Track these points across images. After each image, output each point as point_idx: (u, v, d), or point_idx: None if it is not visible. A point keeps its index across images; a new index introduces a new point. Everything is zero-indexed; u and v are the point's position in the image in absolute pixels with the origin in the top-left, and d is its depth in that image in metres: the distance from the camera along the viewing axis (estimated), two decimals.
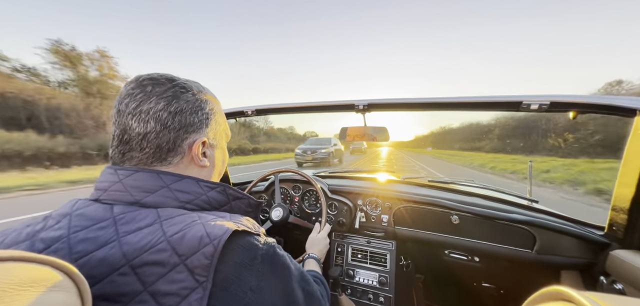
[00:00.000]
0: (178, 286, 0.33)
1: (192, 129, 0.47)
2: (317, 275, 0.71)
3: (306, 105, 1.17)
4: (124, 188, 0.41)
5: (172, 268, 0.34)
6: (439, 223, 1.24)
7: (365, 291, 1.28)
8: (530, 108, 0.78)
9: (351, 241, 1.39)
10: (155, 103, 0.43)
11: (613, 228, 0.85)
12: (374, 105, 1.02)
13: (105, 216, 0.38)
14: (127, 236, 0.36)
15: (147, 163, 0.44)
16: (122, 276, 0.33)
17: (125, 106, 0.43)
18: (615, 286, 0.82)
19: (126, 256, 0.34)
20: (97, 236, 0.36)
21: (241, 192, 0.52)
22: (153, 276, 0.34)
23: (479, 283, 1.40)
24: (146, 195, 0.41)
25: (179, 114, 0.45)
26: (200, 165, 0.49)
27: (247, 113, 1.26)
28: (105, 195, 0.41)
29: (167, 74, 0.47)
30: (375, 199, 1.37)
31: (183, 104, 0.45)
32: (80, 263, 0.34)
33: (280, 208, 1.23)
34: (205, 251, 0.36)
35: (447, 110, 0.94)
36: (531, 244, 1.06)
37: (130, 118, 0.42)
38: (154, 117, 0.43)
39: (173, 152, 0.45)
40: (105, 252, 0.35)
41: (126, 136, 0.43)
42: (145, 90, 0.43)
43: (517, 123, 34.64)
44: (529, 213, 1.11)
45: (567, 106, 0.77)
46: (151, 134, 0.43)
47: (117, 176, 0.42)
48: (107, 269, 0.34)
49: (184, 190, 0.43)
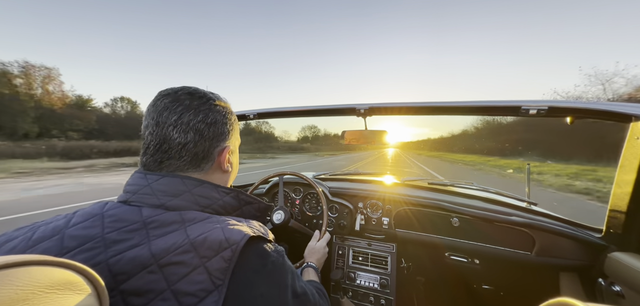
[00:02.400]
0: (197, 288, 0.36)
1: (222, 138, 0.52)
2: (320, 287, 0.73)
3: (307, 109, 1.18)
4: (152, 191, 0.45)
5: (193, 269, 0.36)
6: (439, 225, 1.25)
7: (366, 294, 1.28)
8: (528, 113, 0.80)
9: (352, 244, 1.39)
10: (194, 116, 0.47)
11: (610, 230, 0.86)
12: (375, 108, 1.03)
13: (135, 219, 0.41)
14: (156, 239, 0.39)
15: (184, 169, 0.48)
16: (150, 273, 0.36)
17: (165, 118, 0.47)
18: (614, 288, 0.83)
19: (154, 256, 0.37)
20: (130, 238, 0.39)
21: (251, 197, 0.55)
22: (176, 276, 0.36)
23: (479, 285, 1.40)
24: (171, 199, 0.44)
25: (213, 125, 0.50)
26: (225, 170, 0.54)
27: (249, 117, 1.27)
28: (134, 198, 0.45)
29: (198, 88, 0.52)
30: (376, 202, 1.38)
31: (217, 116, 0.50)
32: (113, 261, 0.37)
33: (281, 211, 1.24)
34: (224, 255, 0.38)
35: (447, 114, 0.96)
36: (530, 246, 1.07)
37: (172, 130, 0.46)
38: (193, 128, 0.47)
39: (206, 159, 0.50)
40: (136, 252, 0.38)
41: (166, 146, 0.47)
42: (183, 103, 0.48)
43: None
44: (528, 216, 1.12)
45: (565, 112, 0.79)
46: (190, 144, 0.47)
47: (146, 180, 0.46)
48: (138, 267, 0.37)
49: (203, 195, 0.47)
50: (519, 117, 0.83)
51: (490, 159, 21.85)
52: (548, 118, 0.81)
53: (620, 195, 0.77)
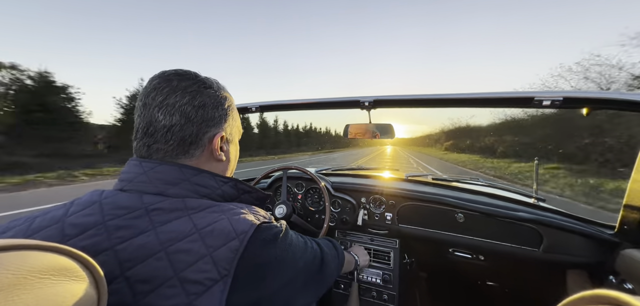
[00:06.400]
0: (204, 276, 0.35)
1: (212, 123, 0.49)
2: (331, 240, 0.74)
3: (311, 101, 1.15)
4: (149, 179, 0.43)
5: (200, 258, 0.36)
6: (443, 221, 1.23)
7: (368, 289, 1.28)
8: (542, 104, 0.76)
9: (355, 239, 1.38)
10: (180, 97, 0.45)
11: (624, 227, 0.84)
12: (380, 101, 1.00)
13: (136, 205, 0.40)
14: (162, 226, 0.38)
15: (173, 155, 0.46)
16: (158, 261, 0.35)
17: (152, 99, 0.45)
18: (625, 285, 0.81)
19: (162, 243, 0.36)
20: (134, 225, 0.38)
21: (250, 186, 0.54)
22: (183, 264, 0.35)
23: (483, 281, 1.39)
24: (169, 187, 0.43)
25: (201, 108, 0.47)
26: (217, 159, 0.51)
27: (251, 110, 1.25)
28: (130, 186, 0.43)
29: (190, 70, 0.49)
30: (379, 197, 1.36)
31: (206, 99, 0.48)
32: (120, 248, 0.36)
33: (284, 205, 1.22)
34: (232, 245, 0.38)
35: (456, 107, 0.92)
36: (538, 243, 1.05)
37: (157, 111, 0.44)
38: (179, 110, 0.45)
39: (195, 144, 0.47)
40: (143, 239, 0.37)
41: (151, 128, 0.45)
42: (171, 84, 0.45)
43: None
44: (535, 212, 1.10)
45: (581, 102, 0.75)
46: (176, 126, 0.45)
47: (142, 168, 0.44)
48: (146, 253, 0.36)
49: (202, 184, 0.46)
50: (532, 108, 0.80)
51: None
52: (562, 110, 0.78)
53: (636, 191, 0.75)
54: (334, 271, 0.66)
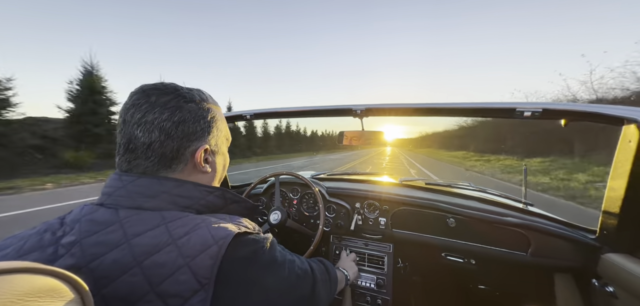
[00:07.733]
0: (182, 288, 0.35)
1: (194, 138, 0.48)
2: (322, 259, 0.73)
3: (304, 109, 1.18)
4: (127, 193, 0.43)
5: (177, 269, 0.36)
6: (435, 226, 1.25)
7: (362, 294, 1.29)
8: (523, 115, 0.80)
9: (349, 244, 1.40)
10: (159, 114, 0.44)
11: (604, 232, 0.87)
12: (372, 109, 1.03)
13: (112, 220, 0.40)
14: (135, 238, 0.38)
15: (154, 170, 0.45)
16: (132, 276, 0.35)
17: (131, 116, 0.44)
18: (607, 289, 0.83)
19: (136, 258, 0.36)
20: (108, 240, 0.38)
21: (238, 196, 0.54)
22: (159, 277, 0.35)
23: (475, 285, 1.41)
24: (148, 200, 0.42)
25: (182, 124, 0.46)
26: (203, 171, 0.50)
27: (245, 117, 1.27)
28: (110, 200, 0.43)
29: (171, 83, 0.48)
30: (373, 202, 1.38)
31: (186, 114, 0.46)
32: (93, 266, 0.36)
33: (278, 211, 1.24)
34: (210, 252, 0.37)
35: (443, 116, 0.96)
36: (526, 247, 1.08)
37: (136, 128, 0.44)
38: (158, 126, 0.44)
39: (177, 159, 0.46)
40: (116, 254, 0.36)
41: (132, 145, 0.44)
42: (149, 100, 0.44)
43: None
44: (523, 216, 1.13)
45: (559, 114, 0.79)
46: (155, 143, 0.44)
47: (121, 182, 0.44)
48: (119, 270, 0.35)
49: (183, 195, 0.45)
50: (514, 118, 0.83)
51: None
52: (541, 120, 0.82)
53: (613, 197, 0.78)
54: (324, 297, 0.61)
